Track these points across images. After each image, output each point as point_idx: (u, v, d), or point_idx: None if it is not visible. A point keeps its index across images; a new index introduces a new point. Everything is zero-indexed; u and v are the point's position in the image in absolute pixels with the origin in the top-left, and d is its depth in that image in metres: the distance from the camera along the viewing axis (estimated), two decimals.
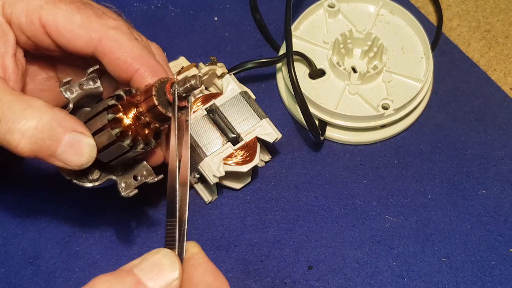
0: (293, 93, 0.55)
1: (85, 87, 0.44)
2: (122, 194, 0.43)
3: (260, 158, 0.57)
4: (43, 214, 0.55)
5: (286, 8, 0.58)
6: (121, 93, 0.42)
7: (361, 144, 0.59)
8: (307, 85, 0.59)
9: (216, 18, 0.66)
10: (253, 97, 0.56)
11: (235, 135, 0.54)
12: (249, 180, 0.56)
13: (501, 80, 0.63)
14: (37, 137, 0.39)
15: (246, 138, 0.53)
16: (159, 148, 0.47)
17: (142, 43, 0.45)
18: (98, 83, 0.44)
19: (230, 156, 0.53)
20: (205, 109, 0.54)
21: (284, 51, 0.58)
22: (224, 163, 0.52)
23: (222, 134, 0.54)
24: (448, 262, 0.53)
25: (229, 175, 0.54)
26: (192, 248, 0.38)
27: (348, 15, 0.62)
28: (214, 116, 0.54)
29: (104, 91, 0.45)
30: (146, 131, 0.42)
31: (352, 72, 0.59)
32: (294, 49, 0.58)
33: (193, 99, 0.46)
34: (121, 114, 0.42)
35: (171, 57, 0.58)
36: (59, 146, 0.40)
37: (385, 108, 0.57)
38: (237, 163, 0.53)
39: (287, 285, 0.52)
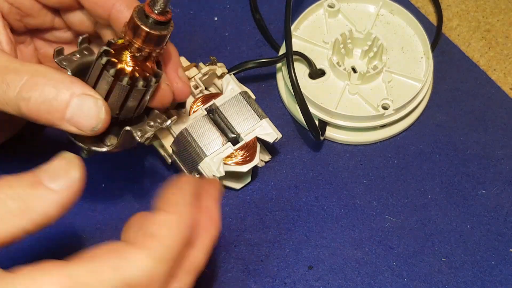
0: (293, 93, 0.55)
1: (80, 57, 0.43)
2: (139, 140, 0.42)
3: (260, 158, 0.57)
4: None
5: (286, 8, 0.58)
6: (107, 48, 0.41)
7: (361, 144, 0.59)
8: (307, 85, 0.59)
9: (216, 18, 0.66)
10: (253, 97, 0.56)
11: (235, 135, 0.54)
12: (249, 180, 0.56)
13: (501, 80, 0.63)
14: (45, 99, 0.39)
15: (246, 138, 0.53)
16: (163, 84, 0.45)
17: None
18: (93, 54, 0.44)
19: (230, 156, 0.53)
20: (205, 109, 0.54)
21: (284, 51, 0.58)
22: (224, 163, 0.53)
23: (222, 134, 0.54)
24: (448, 262, 0.53)
25: (229, 175, 0.54)
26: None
27: (348, 15, 0.62)
28: (214, 116, 0.54)
29: None
30: (145, 66, 0.42)
31: (352, 72, 0.59)
32: (294, 49, 0.58)
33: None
34: (114, 57, 0.41)
35: None
36: (68, 109, 0.39)
37: (385, 108, 0.57)
38: (237, 163, 0.53)
39: (287, 285, 0.52)
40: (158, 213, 0.37)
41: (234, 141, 0.53)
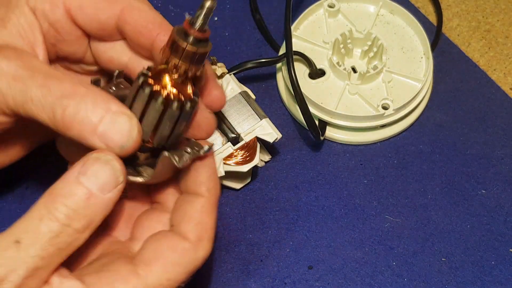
0: (293, 93, 0.55)
1: (115, 90, 0.42)
2: (177, 164, 0.40)
3: (260, 158, 0.57)
4: None
5: (286, 8, 0.58)
6: (145, 71, 0.40)
7: (361, 144, 0.59)
8: (307, 85, 0.59)
9: (216, 18, 0.66)
10: (253, 97, 0.56)
11: (235, 135, 0.54)
12: (249, 180, 0.56)
13: (501, 80, 0.63)
14: (82, 110, 0.38)
15: (246, 138, 0.53)
16: (206, 112, 0.44)
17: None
18: (129, 88, 0.43)
19: (230, 156, 0.53)
20: None
21: (284, 51, 0.58)
22: (224, 163, 0.53)
23: (222, 134, 0.54)
24: (448, 262, 0.53)
25: (229, 175, 0.54)
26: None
27: (348, 15, 0.62)
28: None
29: None
30: (181, 90, 0.40)
31: (352, 72, 0.59)
32: (294, 49, 0.58)
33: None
34: (151, 79, 0.40)
35: None
36: (101, 123, 0.39)
37: (385, 108, 0.57)
38: (237, 163, 0.53)
39: (287, 285, 0.52)
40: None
41: (234, 141, 0.53)
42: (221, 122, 0.54)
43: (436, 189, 0.56)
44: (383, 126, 0.58)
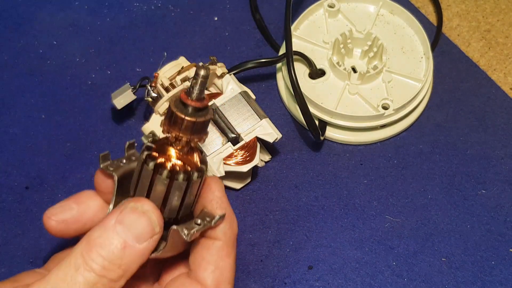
0: (293, 93, 0.55)
1: (126, 162, 0.42)
2: (186, 238, 0.39)
3: (260, 158, 0.57)
4: (43, 214, 0.55)
5: (286, 8, 0.58)
6: (150, 144, 0.40)
7: (361, 144, 0.59)
8: (307, 85, 0.59)
9: (216, 18, 0.66)
10: (253, 97, 0.56)
11: (235, 135, 0.54)
12: (249, 180, 0.56)
13: (501, 80, 0.63)
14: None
15: (246, 138, 0.53)
16: (214, 182, 0.43)
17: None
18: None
19: (230, 156, 0.53)
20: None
21: (284, 51, 0.58)
22: (224, 163, 0.53)
23: (222, 134, 0.54)
24: (448, 262, 0.53)
25: (229, 175, 0.54)
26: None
27: (348, 15, 0.62)
28: (214, 116, 0.54)
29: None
30: (187, 160, 0.40)
31: (352, 72, 0.59)
32: (294, 49, 0.58)
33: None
34: (155, 152, 0.40)
35: (171, 57, 0.58)
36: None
37: (385, 108, 0.57)
38: (237, 163, 0.53)
39: (287, 285, 0.52)
40: None
41: (234, 141, 0.53)
42: (221, 122, 0.54)
43: (436, 189, 0.56)
44: (383, 126, 0.58)
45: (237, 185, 0.56)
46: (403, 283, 0.52)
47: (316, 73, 0.60)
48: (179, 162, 0.40)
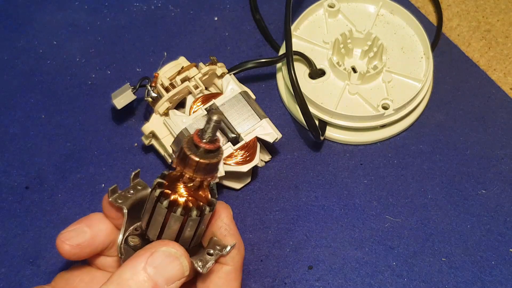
0: (293, 93, 0.55)
1: (134, 192, 0.43)
2: (201, 270, 0.40)
3: (260, 158, 0.57)
4: (43, 214, 0.55)
5: (286, 8, 0.58)
6: (161, 181, 0.41)
7: (361, 144, 0.59)
8: (307, 85, 0.59)
9: (216, 18, 0.66)
10: (253, 97, 0.56)
11: (235, 135, 0.54)
12: (249, 180, 0.56)
13: (501, 80, 0.63)
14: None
15: (246, 138, 0.53)
16: (222, 208, 0.44)
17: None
18: (146, 188, 0.44)
19: (230, 156, 0.53)
20: (205, 109, 0.54)
21: (284, 51, 0.58)
22: (224, 163, 0.52)
23: (222, 134, 0.54)
24: (448, 262, 0.53)
25: (229, 175, 0.54)
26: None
27: (348, 15, 0.62)
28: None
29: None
30: (198, 195, 0.41)
31: (352, 72, 0.59)
32: (294, 49, 0.58)
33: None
34: (167, 189, 0.41)
35: (171, 57, 0.58)
36: None
37: (385, 108, 0.57)
38: (237, 163, 0.53)
39: (287, 285, 0.52)
40: None
41: (234, 141, 0.53)
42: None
43: (436, 189, 0.56)
44: (383, 126, 0.58)
45: (237, 185, 0.56)
46: (403, 283, 0.52)
47: (316, 73, 0.60)
48: (190, 198, 0.41)
